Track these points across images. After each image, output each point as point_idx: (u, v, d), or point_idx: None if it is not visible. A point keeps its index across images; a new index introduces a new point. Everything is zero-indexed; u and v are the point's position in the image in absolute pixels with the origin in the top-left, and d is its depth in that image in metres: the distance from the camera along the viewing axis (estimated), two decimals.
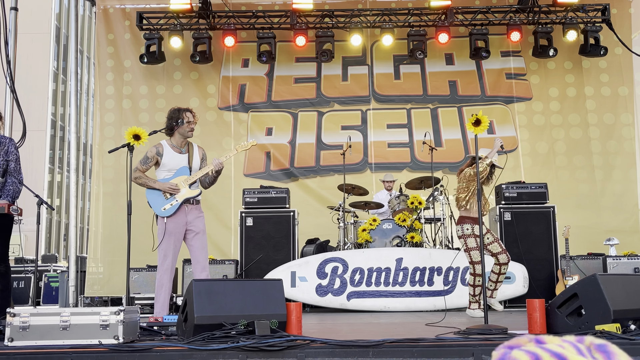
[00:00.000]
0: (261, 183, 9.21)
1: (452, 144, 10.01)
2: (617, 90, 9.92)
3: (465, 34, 9.80)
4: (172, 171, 5.26)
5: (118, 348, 3.44)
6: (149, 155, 5.29)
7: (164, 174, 5.28)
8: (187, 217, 5.24)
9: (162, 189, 5.19)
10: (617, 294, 3.86)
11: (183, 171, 5.27)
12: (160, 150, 5.29)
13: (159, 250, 5.24)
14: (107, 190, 9.67)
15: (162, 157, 5.27)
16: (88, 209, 14.00)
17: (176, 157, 5.29)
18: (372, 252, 7.65)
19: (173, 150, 5.31)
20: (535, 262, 7.78)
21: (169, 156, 5.28)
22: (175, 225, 5.20)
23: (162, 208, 5.18)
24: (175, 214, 5.19)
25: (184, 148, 5.36)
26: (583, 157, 9.79)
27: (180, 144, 5.34)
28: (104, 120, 9.94)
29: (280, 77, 10.22)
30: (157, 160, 5.28)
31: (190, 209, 5.26)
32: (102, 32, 10.11)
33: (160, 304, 5.21)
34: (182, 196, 5.20)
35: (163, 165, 5.27)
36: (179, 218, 5.22)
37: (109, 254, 9.42)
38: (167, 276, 5.23)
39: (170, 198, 5.18)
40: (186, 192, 5.21)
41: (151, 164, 5.29)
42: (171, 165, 5.26)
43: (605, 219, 9.46)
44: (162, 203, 5.19)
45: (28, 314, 3.60)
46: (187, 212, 5.25)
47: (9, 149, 5.35)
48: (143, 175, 5.26)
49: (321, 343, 3.49)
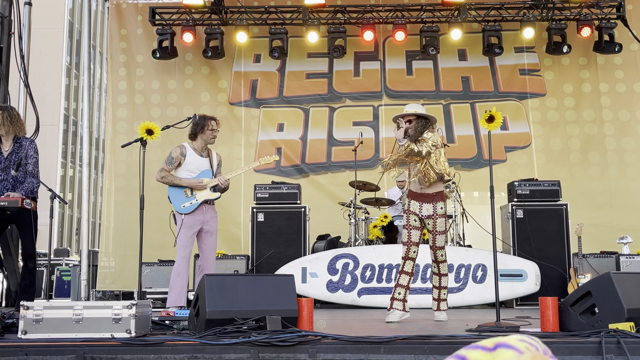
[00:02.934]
0: (272, 179, 9.21)
1: (464, 140, 9.95)
2: (633, 87, 9.82)
3: (478, 30, 9.73)
4: (193, 172, 5.54)
5: (130, 342, 3.45)
6: (174, 155, 5.56)
7: (186, 174, 5.53)
8: (205, 216, 5.54)
9: (189, 184, 5.47)
10: (631, 293, 3.83)
11: (206, 174, 5.57)
12: (184, 151, 5.57)
13: (178, 241, 5.46)
14: (119, 184, 9.71)
15: (186, 158, 5.54)
16: (100, 204, 14.08)
17: (198, 160, 5.59)
18: (383, 249, 7.63)
19: (195, 152, 5.61)
20: (548, 260, 7.73)
21: (192, 158, 5.57)
22: (193, 221, 5.48)
23: (181, 205, 5.45)
24: (194, 211, 5.46)
25: (204, 152, 5.66)
26: (597, 154, 9.70)
27: (201, 148, 5.65)
28: (117, 115, 9.98)
29: (292, 72, 10.20)
30: (181, 161, 5.53)
31: (207, 208, 5.58)
32: (114, 27, 10.14)
33: (176, 292, 5.42)
34: (202, 197, 5.50)
35: (185, 165, 5.54)
36: (197, 216, 5.50)
37: (121, 248, 9.46)
38: (184, 264, 5.46)
39: (190, 197, 5.46)
40: (206, 194, 5.52)
41: (176, 163, 5.54)
42: (193, 166, 5.55)
43: (619, 217, 9.37)
44: (182, 200, 5.46)
45: (41, 307, 3.62)
46: (205, 212, 5.55)
47: (28, 152, 5.46)
48: (169, 175, 5.53)
49: (332, 339, 3.48)
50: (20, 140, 5.55)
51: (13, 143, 5.51)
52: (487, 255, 7.36)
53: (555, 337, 3.65)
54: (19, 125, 5.56)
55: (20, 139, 5.55)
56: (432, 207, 5.21)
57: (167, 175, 5.50)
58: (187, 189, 5.51)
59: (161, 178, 5.52)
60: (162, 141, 9.20)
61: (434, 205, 5.21)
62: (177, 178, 5.48)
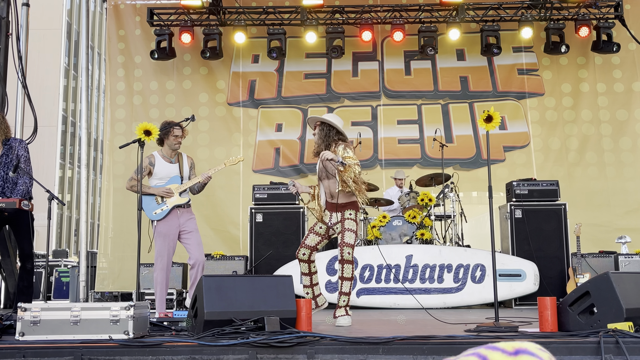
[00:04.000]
0: (270, 179, 9.21)
1: (463, 140, 9.95)
2: (631, 86, 9.82)
3: (476, 30, 9.74)
4: (163, 179, 5.63)
5: (128, 343, 3.44)
6: (142, 165, 5.53)
7: (156, 182, 5.64)
8: (180, 220, 5.61)
9: (156, 193, 5.56)
10: (630, 293, 3.83)
11: (175, 180, 5.65)
12: (152, 161, 5.64)
13: (155, 251, 5.55)
14: (118, 185, 9.70)
15: (154, 167, 5.62)
16: (99, 205, 14.05)
17: (167, 167, 5.65)
18: (381, 249, 7.63)
19: (164, 160, 5.67)
20: (546, 260, 7.73)
21: (161, 166, 5.63)
22: (166, 227, 5.55)
23: (153, 212, 5.54)
24: (167, 217, 5.57)
25: (174, 158, 5.72)
26: (595, 154, 9.71)
27: (170, 154, 5.69)
28: (115, 116, 9.97)
29: (290, 72, 10.20)
30: (150, 170, 5.61)
31: (182, 212, 5.62)
32: (112, 28, 10.13)
33: (157, 300, 5.54)
34: (172, 202, 5.58)
35: (155, 174, 5.62)
36: (171, 221, 5.58)
37: (120, 249, 9.45)
38: (162, 274, 5.53)
39: (161, 203, 5.55)
40: (176, 199, 5.59)
41: (145, 173, 5.61)
42: (162, 174, 5.63)
43: (617, 216, 9.38)
44: (153, 208, 5.55)
45: (39, 308, 3.61)
46: (179, 215, 5.62)
47: (18, 152, 5.44)
48: (137, 183, 5.47)
49: (331, 340, 3.48)
50: (9, 142, 5.52)
51: (2, 146, 5.49)
52: (485, 255, 7.36)
53: (554, 337, 3.64)
54: (4, 127, 5.54)
55: (9, 140, 5.53)
56: (340, 214, 5.19)
57: (135, 184, 5.47)
58: (157, 197, 5.59)
59: (130, 187, 5.59)
60: None
61: (342, 213, 5.19)
62: (146, 186, 5.57)
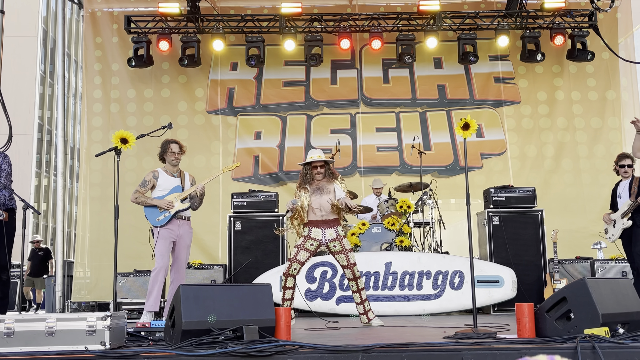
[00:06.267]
0: (249, 187, 9.18)
1: (441, 148, 10.03)
2: (605, 94, 9.99)
3: (453, 39, 9.83)
4: (165, 190, 5.93)
5: (105, 354, 3.39)
6: (147, 179, 5.93)
7: (159, 192, 5.93)
8: (180, 231, 5.90)
9: (158, 204, 5.84)
10: (606, 298, 3.87)
11: (176, 190, 5.95)
12: (157, 175, 5.97)
13: (156, 251, 5.75)
14: (95, 194, 9.60)
15: (158, 180, 5.95)
16: (75, 213, 13.89)
17: (170, 180, 5.99)
18: (361, 256, 7.63)
19: (167, 174, 6.00)
20: (524, 266, 7.80)
21: (164, 179, 5.96)
22: (168, 232, 5.83)
23: (156, 219, 5.81)
24: (169, 224, 5.84)
25: (176, 174, 6.05)
26: (570, 161, 9.84)
27: (172, 170, 6.01)
28: (92, 124, 9.88)
29: (269, 80, 10.20)
30: (154, 184, 5.94)
31: (182, 224, 5.92)
32: (89, 35, 10.06)
33: (153, 298, 5.68)
34: (174, 209, 5.86)
35: (159, 186, 5.93)
36: (172, 227, 5.86)
37: (97, 258, 9.34)
38: (162, 273, 5.74)
39: (164, 211, 5.83)
40: (178, 206, 5.87)
41: (149, 186, 5.92)
42: (165, 186, 5.95)
43: (593, 222, 9.47)
44: (156, 215, 5.84)
45: (13, 319, 3.55)
46: (180, 226, 5.90)
47: (1, 167, 5.36)
48: (141, 195, 5.91)
49: (310, 348, 3.46)
50: None
51: None
52: (464, 261, 7.40)
53: (532, 343, 3.67)
54: None
55: None
56: (334, 231, 5.60)
57: (140, 196, 5.89)
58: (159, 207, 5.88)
59: (135, 199, 5.92)
60: (138, 150, 9.13)
61: (335, 229, 5.60)
62: (149, 198, 5.90)
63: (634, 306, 4.11)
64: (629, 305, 4.07)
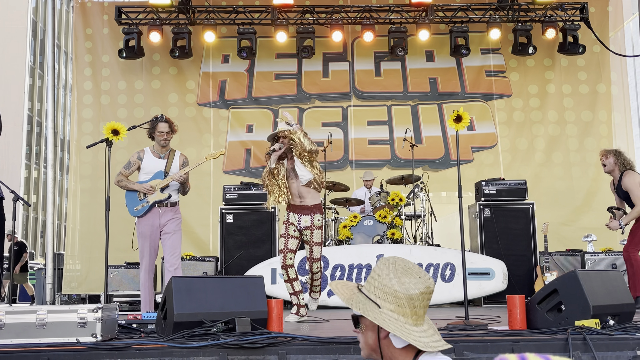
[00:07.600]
0: (241, 180, 9.16)
1: (432, 141, 10.04)
2: (596, 88, 10.03)
3: (445, 31, 9.82)
4: (149, 174, 5.54)
5: (96, 346, 3.39)
6: (131, 160, 5.58)
7: (143, 176, 5.58)
8: (161, 220, 5.51)
9: (139, 189, 5.49)
10: (596, 290, 3.90)
11: (158, 175, 5.56)
12: (142, 155, 5.59)
13: (139, 251, 5.56)
14: (85, 186, 9.55)
15: (142, 161, 5.56)
16: (65, 206, 13.81)
17: (154, 162, 5.58)
18: (352, 249, 7.65)
19: (153, 155, 5.60)
20: (515, 259, 7.83)
21: (148, 161, 5.57)
22: (146, 227, 5.49)
23: (134, 208, 5.50)
24: (147, 215, 5.48)
25: (164, 154, 5.62)
26: (561, 154, 9.89)
27: (159, 149, 5.62)
28: (82, 115, 9.82)
29: (260, 73, 10.16)
30: (139, 165, 5.55)
31: (164, 211, 5.52)
32: (79, 26, 9.97)
33: (145, 301, 5.57)
34: (152, 198, 5.49)
35: (142, 168, 5.56)
36: (152, 220, 5.49)
37: (87, 250, 9.30)
38: (145, 275, 5.55)
39: (142, 199, 5.48)
40: (157, 195, 5.50)
41: (133, 168, 5.56)
42: (149, 169, 5.55)
43: (583, 215, 9.55)
44: (135, 204, 5.50)
45: (3, 312, 3.53)
46: (161, 215, 5.52)
47: None
48: (124, 179, 5.55)
49: (302, 340, 3.47)
50: None
51: None
52: (455, 254, 7.42)
53: (523, 335, 3.69)
54: None
55: None
56: (309, 218, 5.37)
57: (122, 179, 5.56)
58: (139, 193, 5.54)
59: (117, 182, 5.57)
60: (129, 142, 9.08)
61: (311, 217, 5.38)
62: (131, 182, 5.55)
63: (624, 298, 4.15)
64: (619, 297, 4.10)
